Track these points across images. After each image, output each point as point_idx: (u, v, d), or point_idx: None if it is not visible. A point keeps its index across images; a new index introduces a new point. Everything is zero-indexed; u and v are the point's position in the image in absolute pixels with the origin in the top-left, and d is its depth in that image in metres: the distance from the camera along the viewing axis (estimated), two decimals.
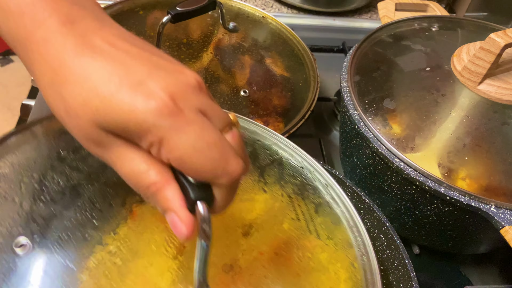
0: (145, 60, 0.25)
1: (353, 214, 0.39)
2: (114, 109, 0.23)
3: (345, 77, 0.54)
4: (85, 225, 0.33)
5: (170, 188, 0.25)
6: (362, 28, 0.96)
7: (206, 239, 0.25)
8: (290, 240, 0.36)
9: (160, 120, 0.23)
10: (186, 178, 0.25)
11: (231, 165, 0.25)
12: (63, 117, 0.25)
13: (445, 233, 0.50)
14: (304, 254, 0.36)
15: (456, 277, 0.56)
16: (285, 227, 0.37)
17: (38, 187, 0.34)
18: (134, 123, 0.23)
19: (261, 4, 1.00)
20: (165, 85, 0.24)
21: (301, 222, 0.38)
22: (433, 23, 0.62)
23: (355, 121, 0.50)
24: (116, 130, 0.24)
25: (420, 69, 0.54)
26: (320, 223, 0.38)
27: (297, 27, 0.82)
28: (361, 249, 0.37)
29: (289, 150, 0.43)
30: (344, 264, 0.36)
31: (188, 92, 0.24)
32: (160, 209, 0.26)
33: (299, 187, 0.41)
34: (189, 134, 0.23)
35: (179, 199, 0.25)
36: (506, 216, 0.42)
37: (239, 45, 0.74)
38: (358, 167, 0.54)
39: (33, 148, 0.37)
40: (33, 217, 0.32)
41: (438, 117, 0.49)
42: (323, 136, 0.73)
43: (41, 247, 0.31)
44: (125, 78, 0.23)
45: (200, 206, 0.25)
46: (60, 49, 0.25)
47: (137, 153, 0.24)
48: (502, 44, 0.46)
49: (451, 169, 0.45)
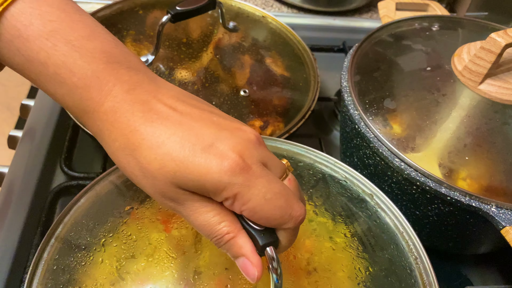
0: (208, 121, 0.28)
1: (402, 220, 0.40)
2: (191, 171, 0.26)
3: (346, 77, 0.54)
4: None
5: (241, 236, 0.28)
6: (362, 27, 0.96)
7: (278, 276, 0.28)
8: (348, 257, 0.37)
9: (234, 178, 0.26)
10: (252, 226, 0.28)
11: (295, 210, 0.27)
12: (138, 177, 0.28)
13: (445, 233, 0.49)
14: (362, 267, 0.37)
15: (456, 277, 0.56)
16: (341, 246, 0.38)
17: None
18: (210, 182, 0.26)
19: (261, 3, 1.00)
20: (232, 145, 0.26)
21: (355, 237, 0.39)
22: (433, 22, 0.62)
23: (356, 121, 0.49)
24: (192, 189, 0.26)
25: (420, 69, 0.54)
26: (373, 235, 0.39)
27: (297, 27, 0.82)
28: (414, 254, 0.38)
29: (329, 165, 0.44)
30: (401, 271, 0.37)
31: (251, 147, 0.27)
32: (232, 255, 0.29)
33: (346, 203, 0.42)
34: (259, 187, 0.26)
35: (250, 246, 0.28)
36: (506, 217, 0.42)
37: (239, 45, 0.74)
38: (358, 167, 0.54)
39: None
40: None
41: (438, 117, 0.49)
42: (323, 136, 0.72)
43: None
44: (196, 142, 0.26)
45: (269, 250, 0.28)
46: (130, 116, 0.27)
47: (210, 207, 0.27)
48: (502, 43, 0.46)
49: (452, 169, 0.45)
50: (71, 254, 0.35)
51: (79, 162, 0.63)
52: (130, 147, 0.27)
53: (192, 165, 0.26)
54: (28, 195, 0.55)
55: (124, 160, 0.28)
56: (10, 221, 0.52)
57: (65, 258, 0.35)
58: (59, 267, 0.34)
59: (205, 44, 0.82)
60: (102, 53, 0.29)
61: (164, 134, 0.26)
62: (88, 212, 0.38)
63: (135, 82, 0.29)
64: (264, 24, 0.81)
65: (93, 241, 0.36)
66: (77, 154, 0.64)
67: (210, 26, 0.81)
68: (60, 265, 0.34)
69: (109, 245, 0.36)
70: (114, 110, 0.27)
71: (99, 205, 0.38)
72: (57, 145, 0.63)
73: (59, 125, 0.65)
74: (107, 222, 0.37)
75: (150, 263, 0.35)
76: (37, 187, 0.56)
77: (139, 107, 0.27)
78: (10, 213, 0.53)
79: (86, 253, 0.35)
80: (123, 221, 0.37)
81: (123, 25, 0.70)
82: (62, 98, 0.29)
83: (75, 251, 0.35)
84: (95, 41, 0.29)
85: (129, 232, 0.36)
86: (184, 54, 0.79)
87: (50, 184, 0.59)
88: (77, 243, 0.35)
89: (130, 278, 0.34)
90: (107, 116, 0.28)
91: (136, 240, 0.36)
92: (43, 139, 0.62)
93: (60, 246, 0.35)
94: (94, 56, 0.28)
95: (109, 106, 0.28)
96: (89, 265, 0.34)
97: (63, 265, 0.34)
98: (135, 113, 0.27)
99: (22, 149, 0.60)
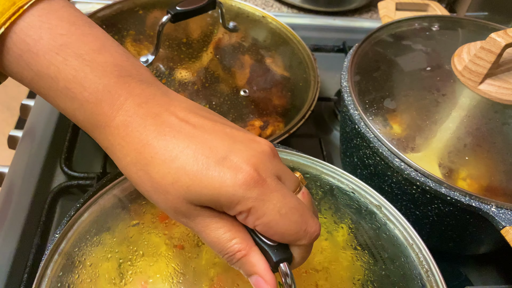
0: (221, 133, 0.27)
1: (411, 232, 0.40)
2: (205, 185, 0.25)
3: (345, 77, 0.54)
4: None
5: (254, 253, 0.27)
6: (362, 27, 0.96)
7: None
8: (358, 271, 0.37)
9: (248, 192, 0.25)
10: (265, 242, 0.27)
11: (310, 226, 0.27)
12: (150, 192, 0.27)
13: (445, 233, 0.50)
14: (374, 280, 0.36)
15: (456, 277, 0.56)
16: (350, 259, 0.37)
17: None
18: (225, 196, 0.25)
19: (261, 3, 1.00)
20: (246, 158, 0.26)
21: (365, 251, 0.38)
22: (433, 22, 0.62)
23: (356, 121, 0.49)
24: (206, 203, 0.26)
25: (420, 69, 0.54)
26: (383, 247, 0.39)
27: (297, 27, 0.82)
28: (424, 266, 0.37)
29: (337, 176, 0.44)
30: (411, 285, 0.36)
31: (265, 160, 0.27)
32: (245, 273, 0.28)
33: (355, 215, 0.41)
34: (274, 201, 0.26)
35: (263, 263, 0.27)
36: (506, 216, 0.42)
37: (239, 45, 0.74)
38: (358, 167, 0.54)
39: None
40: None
41: (438, 117, 0.49)
42: (323, 136, 0.72)
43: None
44: (210, 156, 0.25)
45: (283, 266, 0.27)
46: (142, 130, 0.27)
47: (221, 223, 0.27)
48: (502, 43, 0.46)
49: (452, 169, 0.45)
50: (75, 270, 0.34)
51: (79, 162, 0.63)
52: (142, 162, 0.26)
53: (206, 179, 0.25)
54: (28, 195, 0.55)
55: (135, 175, 0.27)
56: (10, 221, 0.52)
57: (69, 274, 0.34)
58: (63, 284, 0.33)
59: (205, 44, 0.82)
60: (114, 67, 0.28)
61: (177, 147, 0.26)
62: (92, 226, 0.37)
63: (147, 96, 0.28)
64: (264, 24, 0.81)
65: (98, 256, 0.35)
66: (77, 154, 0.64)
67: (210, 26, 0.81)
68: (64, 282, 0.33)
69: (115, 260, 0.35)
70: (126, 124, 0.27)
71: (104, 219, 0.37)
72: (57, 145, 0.63)
73: (59, 125, 0.65)
74: (113, 238, 0.36)
75: (156, 280, 0.34)
76: (37, 187, 0.57)
77: (151, 120, 0.27)
78: (10, 213, 0.53)
79: (91, 270, 0.34)
80: (129, 236, 0.36)
81: (123, 25, 0.70)
82: (73, 113, 0.29)
83: (79, 267, 0.34)
84: (106, 54, 0.28)
85: (135, 247, 0.36)
86: (184, 54, 0.79)
87: (50, 184, 0.59)
88: (81, 260, 0.35)
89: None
90: (118, 131, 0.27)
91: (143, 255, 0.35)
92: (43, 139, 0.62)
93: (64, 262, 0.34)
94: (106, 70, 0.28)
95: (121, 120, 0.27)
96: (94, 282, 0.33)
97: (67, 282, 0.33)
98: (147, 126, 0.27)
99: (22, 149, 0.60)
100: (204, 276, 0.34)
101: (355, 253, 0.38)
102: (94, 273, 0.34)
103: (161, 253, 0.35)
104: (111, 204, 0.38)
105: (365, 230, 0.40)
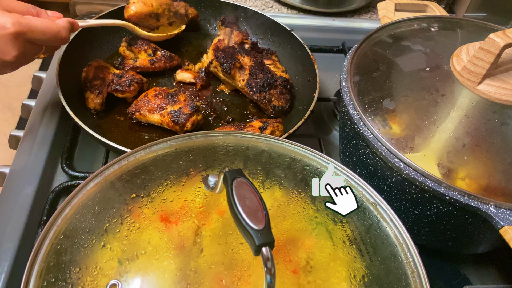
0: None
1: (403, 232, 0.40)
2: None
3: (345, 77, 0.54)
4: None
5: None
6: (361, 28, 0.96)
7: (272, 276, 0.29)
8: (343, 263, 0.37)
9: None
10: (250, 226, 0.29)
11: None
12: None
13: (444, 233, 0.50)
14: (357, 275, 0.37)
15: (455, 276, 0.56)
16: (339, 252, 0.38)
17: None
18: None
19: (261, 4, 1.00)
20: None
21: (353, 245, 0.39)
22: (432, 23, 0.62)
23: (355, 121, 0.50)
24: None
25: (419, 69, 0.54)
26: (372, 244, 0.39)
27: (297, 28, 0.82)
28: (411, 267, 0.38)
29: (335, 170, 0.44)
30: (397, 284, 0.37)
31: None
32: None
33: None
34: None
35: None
36: (505, 216, 0.42)
37: (239, 46, 0.74)
38: (357, 167, 0.54)
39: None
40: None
41: (437, 117, 0.49)
42: (323, 136, 0.73)
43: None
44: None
45: (264, 250, 0.29)
46: None
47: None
48: (501, 44, 0.46)
49: (451, 169, 0.45)
50: (75, 235, 0.36)
51: (80, 161, 0.63)
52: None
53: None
54: (30, 195, 0.55)
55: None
56: (11, 220, 0.53)
57: (69, 239, 0.36)
58: (63, 247, 0.35)
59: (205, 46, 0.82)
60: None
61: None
62: (95, 196, 0.39)
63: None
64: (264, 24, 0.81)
65: (98, 225, 0.37)
66: (78, 154, 0.64)
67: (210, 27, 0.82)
68: (63, 245, 0.35)
69: (112, 231, 0.37)
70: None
71: (106, 190, 0.39)
72: (58, 145, 0.63)
73: (60, 125, 0.65)
74: (113, 208, 0.38)
75: (150, 252, 0.35)
76: (38, 187, 0.57)
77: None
78: (12, 213, 0.53)
79: (89, 236, 0.36)
80: (127, 208, 0.38)
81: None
82: None
83: (79, 233, 0.36)
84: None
85: (132, 220, 0.37)
86: (184, 55, 0.79)
87: (51, 183, 0.60)
88: (82, 226, 0.37)
89: (130, 265, 0.35)
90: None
91: (139, 227, 0.37)
92: (44, 139, 0.62)
93: (65, 227, 0.36)
94: None
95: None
96: (91, 248, 0.35)
97: (66, 245, 0.35)
98: None
99: (23, 149, 0.61)
100: (205, 275, 0.35)
101: (342, 246, 0.38)
102: (91, 240, 0.36)
103: (155, 234, 0.37)
104: (116, 177, 0.41)
105: (356, 226, 0.40)
